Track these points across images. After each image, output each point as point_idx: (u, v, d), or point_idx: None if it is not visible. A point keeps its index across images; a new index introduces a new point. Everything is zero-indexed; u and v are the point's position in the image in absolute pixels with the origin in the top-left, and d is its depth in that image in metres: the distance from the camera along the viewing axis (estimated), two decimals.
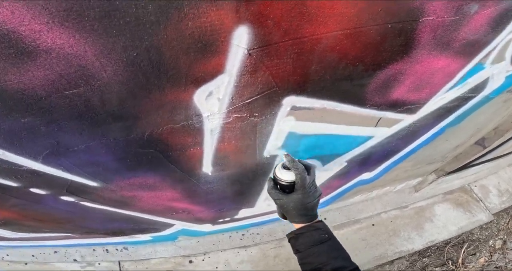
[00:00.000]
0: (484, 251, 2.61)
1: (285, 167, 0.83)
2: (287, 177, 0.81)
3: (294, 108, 0.86)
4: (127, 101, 0.69)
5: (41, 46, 0.50)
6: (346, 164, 1.35)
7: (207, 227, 1.72)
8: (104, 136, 0.79)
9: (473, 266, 2.59)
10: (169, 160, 0.94)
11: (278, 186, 0.83)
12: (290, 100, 0.82)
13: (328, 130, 1.02)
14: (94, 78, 0.61)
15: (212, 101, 0.74)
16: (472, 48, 0.88)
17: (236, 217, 1.66)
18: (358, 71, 0.78)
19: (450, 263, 2.54)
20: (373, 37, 0.69)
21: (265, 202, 1.51)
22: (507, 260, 2.56)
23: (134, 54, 0.58)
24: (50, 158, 0.81)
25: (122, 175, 0.98)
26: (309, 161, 0.94)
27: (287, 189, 0.82)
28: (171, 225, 1.58)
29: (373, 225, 2.34)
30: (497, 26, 0.82)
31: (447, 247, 2.52)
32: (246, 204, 1.49)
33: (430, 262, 2.54)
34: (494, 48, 0.93)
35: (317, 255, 0.76)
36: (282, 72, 0.71)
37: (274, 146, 1.02)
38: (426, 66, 0.87)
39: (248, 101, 0.77)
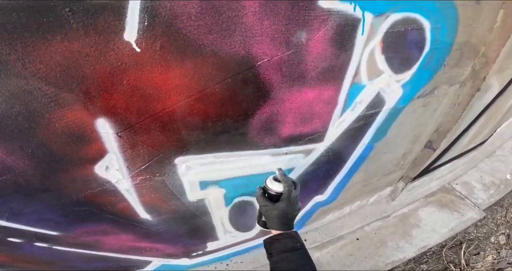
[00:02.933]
0: (489, 249, 2.43)
1: (276, 179, 0.92)
2: (276, 187, 0.90)
3: (189, 164, 0.97)
4: (44, 180, 0.85)
5: None
6: None
7: (185, 261, 1.79)
8: (42, 201, 0.94)
9: (481, 266, 2.40)
10: (105, 213, 1.07)
11: (266, 195, 0.92)
12: (181, 160, 0.94)
13: (238, 174, 1.12)
14: (13, 168, 0.78)
15: (113, 172, 0.88)
16: (332, 72, 0.93)
17: (208, 249, 1.73)
18: (229, 124, 0.89)
19: (452, 266, 2.38)
20: (222, 94, 0.80)
21: (226, 235, 1.59)
22: None
23: (30, 151, 0.74)
24: (11, 217, 0.98)
25: (72, 226, 1.11)
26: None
27: (274, 198, 0.90)
28: (149, 262, 1.67)
29: (357, 239, 2.30)
30: (342, 45, 0.87)
31: (443, 250, 2.37)
32: (209, 238, 1.57)
33: (430, 268, 2.40)
34: (359, 65, 0.97)
35: (288, 261, 0.82)
36: (158, 142, 0.84)
37: (197, 192, 1.13)
38: (297, 102, 0.95)
39: (143, 167, 0.90)
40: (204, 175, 1.07)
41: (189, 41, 0.67)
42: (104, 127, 0.75)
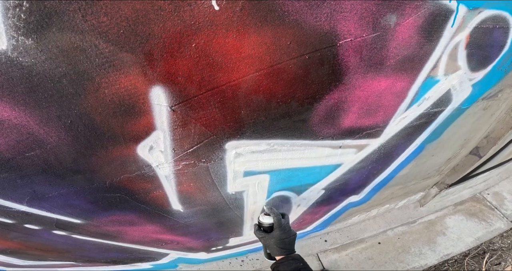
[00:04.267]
0: (510, 260, 2.34)
1: (265, 214, 1.05)
2: (267, 220, 1.04)
3: (240, 151, 0.87)
4: (78, 159, 0.73)
5: None
6: (323, 191, 1.31)
7: (202, 255, 1.70)
8: (71, 185, 0.84)
9: None
10: (137, 201, 0.97)
11: (262, 229, 1.06)
12: (232, 144, 0.83)
13: (285, 165, 1.01)
14: (44, 143, 0.67)
15: (156, 154, 0.77)
16: (411, 63, 0.84)
17: (228, 245, 1.64)
18: (293, 107, 0.78)
19: None
20: (295, 72, 0.69)
21: (251, 231, 1.49)
22: None
23: (69, 122, 0.63)
24: (32, 202, 0.88)
25: (99, 214, 1.03)
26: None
27: (268, 229, 1.04)
28: (166, 254, 1.59)
29: (379, 243, 2.20)
30: (429, 34, 0.79)
31: (466, 259, 2.29)
32: (233, 233, 1.47)
33: None
34: (439, 58, 0.89)
35: None
36: (213, 121, 0.73)
37: (238, 183, 1.02)
38: (368, 90, 0.84)
39: (190, 150, 0.79)
40: (252, 164, 0.96)
41: (273, 5, 0.55)
42: (159, 99, 0.63)
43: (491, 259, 2.29)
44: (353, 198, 1.56)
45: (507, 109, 1.46)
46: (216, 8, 0.52)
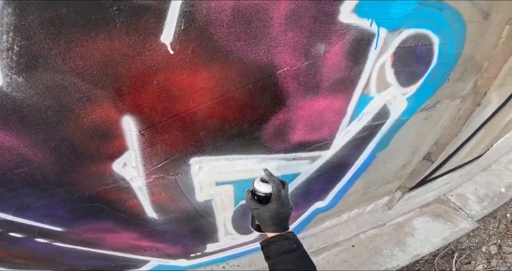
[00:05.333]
0: (480, 259, 2.51)
1: (263, 180, 0.90)
2: (264, 189, 0.88)
3: (202, 165, 1.02)
4: (61, 174, 0.87)
5: None
6: None
7: (182, 262, 1.81)
8: (53, 196, 0.96)
9: None
10: (114, 210, 1.09)
11: (256, 197, 0.90)
12: (195, 160, 0.98)
13: (246, 176, 1.15)
14: (31, 161, 0.80)
15: (129, 169, 0.91)
16: (344, 84, 0.99)
17: (207, 251, 1.75)
18: (245, 128, 0.94)
19: None
20: (242, 99, 0.85)
21: (227, 237, 1.62)
22: (508, 265, 2.45)
23: (53, 144, 0.77)
24: (18, 212, 0.99)
25: (79, 222, 1.13)
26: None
27: (263, 200, 0.89)
28: (147, 261, 1.68)
29: (353, 246, 2.35)
30: (356, 58, 0.93)
31: (436, 259, 2.44)
32: (209, 240, 1.60)
33: None
34: (369, 77, 1.03)
35: (286, 263, 0.80)
36: (177, 141, 0.88)
37: (205, 192, 1.17)
38: (310, 110, 1.00)
39: (159, 166, 0.94)
40: (214, 176, 1.11)
41: (218, 47, 0.72)
42: (129, 125, 0.78)
43: (460, 259, 2.46)
44: (319, 204, 1.72)
45: (450, 118, 1.67)
46: (171, 52, 0.68)
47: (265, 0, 0.69)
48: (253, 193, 0.91)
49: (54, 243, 1.28)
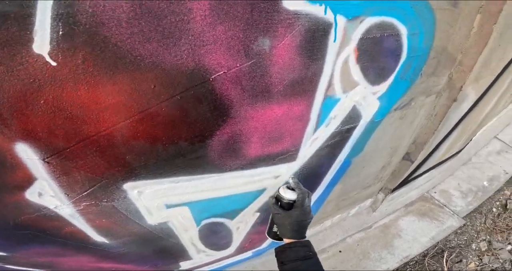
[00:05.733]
0: (471, 256, 2.43)
1: (289, 188, 0.93)
2: (290, 195, 0.91)
3: (142, 190, 0.85)
4: None
5: None
6: (259, 213, 1.31)
7: None
8: None
9: None
10: (51, 236, 0.90)
11: (280, 204, 0.92)
12: (130, 185, 0.81)
13: (201, 197, 1.00)
14: None
15: (48, 198, 0.73)
16: (302, 85, 0.83)
17: (182, 268, 1.57)
18: (184, 147, 0.77)
19: None
20: (172, 113, 0.68)
21: (200, 254, 1.45)
22: (501, 261, 2.39)
23: None
24: None
25: (21, 247, 0.95)
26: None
27: (286, 206, 0.91)
28: None
29: (340, 251, 2.22)
30: (312, 53, 0.78)
31: (426, 259, 2.34)
32: (180, 258, 1.42)
33: None
34: (331, 76, 0.88)
35: (299, 270, 0.81)
36: (98, 168, 0.70)
37: (157, 216, 1.00)
38: (263, 119, 0.84)
39: (85, 193, 0.76)
40: (162, 199, 0.94)
41: (121, 52, 0.55)
42: (27, 153, 0.60)
43: (451, 257, 2.36)
44: None
45: (426, 115, 1.56)
46: (53, 64, 0.52)
47: None
48: (277, 199, 0.93)
49: (6, 265, 1.09)
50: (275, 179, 1.14)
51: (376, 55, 0.98)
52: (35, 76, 0.52)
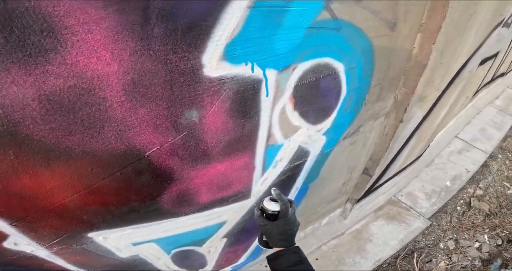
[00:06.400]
0: (440, 255, 2.54)
1: (272, 199, 0.95)
2: (273, 207, 0.93)
3: (106, 236, 0.89)
4: None
5: None
6: (226, 238, 1.38)
7: None
8: None
9: None
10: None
11: (264, 215, 0.94)
12: (95, 234, 0.85)
13: (165, 235, 1.04)
14: None
15: (24, 246, 0.77)
16: (240, 143, 0.88)
17: None
18: (136, 206, 0.82)
19: None
20: (116, 186, 0.73)
21: None
22: (470, 258, 2.49)
23: None
24: None
25: None
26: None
27: (272, 217, 0.93)
28: None
29: (316, 259, 2.32)
30: (245, 113, 0.81)
31: (398, 261, 2.44)
32: None
33: None
34: (270, 128, 0.92)
35: None
36: (60, 226, 0.76)
37: (127, 251, 1.03)
38: (208, 176, 0.90)
39: (55, 242, 0.81)
40: (128, 240, 0.98)
41: (48, 146, 0.59)
42: None
43: (421, 258, 2.46)
44: None
45: (378, 135, 1.66)
46: None
47: (83, 79, 0.55)
48: (262, 210, 0.95)
49: None
50: (234, 213, 1.20)
51: (314, 98, 0.99)
52: None
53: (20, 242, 0.76)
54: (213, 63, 0.67)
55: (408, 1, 1.05)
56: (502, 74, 4.02)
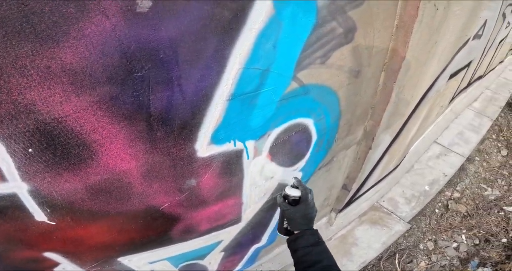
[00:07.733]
0: (420, 256, 2.69)
1: (293, 186, 1.09)
2: (294, 193, 1.06)
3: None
4: None
5: None
6: (223, 253, 1.65)
7: None
8: None
9: None
10: None
11: (287, 201, 1.08)
12: (123, 258, 1.09)
13: (173, 254, 1.27)
14: None
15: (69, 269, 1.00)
16: (229, 191, 1.09)
17: None
18: (153, 238, 1.08)
19: None
20: (139, 228, 0.99)
21: None
22: (448, 258, 2.63)
23: None
24: None
25: None
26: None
27: (293, 203, 1.06)
28: None
29: None
30: (232, 173, 0.99)
31: (381, 262, 2.63)
32: None
33: None
34: (252, 177, 1.13)
35: (312, 254, 0.94)
36: (98, 255, 1.01)
37: (145, 268, 1.28)
38: (205, 214, 1.14)
39: (93, 265, 1.04)
40: (146, 260, 1.21)
41: (94, 212, 0.81)
42: None
43: (402, 259, 2.65)
44: (257, 244, 1.87)
45: (353, 159, 1.91)
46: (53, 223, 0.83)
47: (113, 174, 0.76)
48: (284, 197, 1.08)
49: None
50: (229, 234, 1.47)
51: (288, 151, 1.20)
52: (39, 237, 0.83)
53: (67, 267, 1.03)
54: (204, 147, 0.90)
55: (372, 46, 1.14)
56: (480, 77, 4.08)
